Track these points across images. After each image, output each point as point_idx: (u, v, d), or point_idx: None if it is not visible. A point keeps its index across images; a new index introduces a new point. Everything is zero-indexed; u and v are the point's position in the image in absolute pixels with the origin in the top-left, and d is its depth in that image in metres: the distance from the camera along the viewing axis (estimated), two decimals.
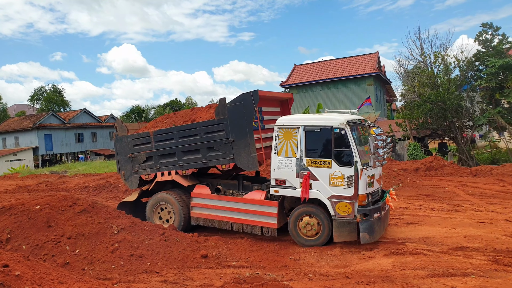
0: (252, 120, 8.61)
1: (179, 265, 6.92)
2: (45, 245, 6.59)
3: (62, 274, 4.79)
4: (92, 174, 22.94)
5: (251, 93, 8.57)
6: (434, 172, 17.37)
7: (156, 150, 9.60)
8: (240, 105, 8.62)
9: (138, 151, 9.83)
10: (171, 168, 9.48)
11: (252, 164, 8.60)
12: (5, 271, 3.99)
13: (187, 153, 9.32)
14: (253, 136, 8.58)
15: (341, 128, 7.88)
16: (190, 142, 9.24)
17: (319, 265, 7.18)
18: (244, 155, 8.64)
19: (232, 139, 8.74)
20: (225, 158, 8.87)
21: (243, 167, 8.73)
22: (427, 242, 8.08)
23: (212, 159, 9.05)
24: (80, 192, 15.95)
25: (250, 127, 8.60)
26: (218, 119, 8.89)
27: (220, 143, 8.90)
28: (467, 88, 22.33)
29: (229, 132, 8.77)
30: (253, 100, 8.51)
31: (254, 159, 8.54)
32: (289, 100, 10.58)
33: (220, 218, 9.08)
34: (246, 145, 8.62)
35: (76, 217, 7.36)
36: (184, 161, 9.33)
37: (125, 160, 9.97)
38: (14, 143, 47.63)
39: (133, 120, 51.22)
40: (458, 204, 11.63)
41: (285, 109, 10.62)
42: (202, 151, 9.13)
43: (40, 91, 67.00)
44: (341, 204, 7.82)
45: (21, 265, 4.46)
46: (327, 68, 34.06)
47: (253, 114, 8.58)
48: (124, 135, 10.06)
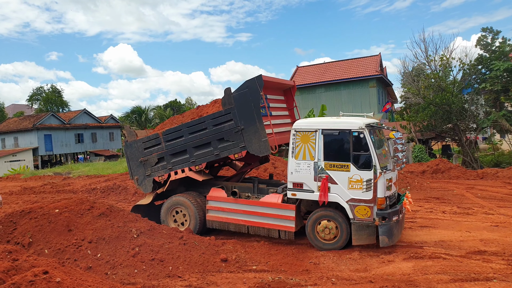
0: (259, 106, 8.61)
1: (200, 269, 6.89)
2: (66, 249, 6.56)
3: (96, 280, 4.76)
4: (97, 176, 22.86)
5: (255, 79, 8.58)
6: (441, 175, 17.42)
7: (167, 150, 9.57)
8: (245, 92, 8.63)
9: (149, 153, 9.79)
10: (184, 165, 9.44)
11: (264, 149, 8.58)
12: (47, 278, 3.97)
13: (198, 148, 9.30)
14: (262, 121, 8.58)
15: (359, 132, 7.88)
16: (200, 137, 9.21)
17: (340, 269, 7.17)
18: (255, 141, 8.64)
19: (241, 127, 8.72)
20: (237, 146, 8.85)
21: (256, 153, 8.69)
22: (444, 246, 8.09)
23: (224, 150, 9.02)
24: (88, 194, 15.87)
25: (258, 113, 8.59)
26: (226, 109, 8.89)
27: (230, 132, 8.88)
28: (471, 91, 22.43)
29: (237, 121, 8.76)
30: (258, 85, 8.53)
31: (266, 143, 8.53)
32: (291, 88, 10.55)
33: (237, 221, 9.05)
34: (256, 131, 8.62)
35: (95, 221, 7.33)
36: (196, 156, 9.30)
37: (137, 165, 9.94)
38: (13, 143, 47.43)
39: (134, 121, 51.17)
40: (468, 207, 11.66)
41: (289, 98, 10.61)
42: (213, 144, 9.11)
43: (39, 91, 66.73)
44: (360, 208, 7.82)
45: (58, 271, 4.43)
46: (329, 70, 34.11)
47: (259, 99, 8.59)
48: (133, 140, 10.03)
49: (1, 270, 4.18)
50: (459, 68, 22.21)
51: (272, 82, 9.36)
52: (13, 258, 4.84)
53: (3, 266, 4.27)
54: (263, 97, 8.71)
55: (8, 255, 4.89)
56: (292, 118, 10.59)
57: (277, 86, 10.06)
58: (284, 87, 10.46)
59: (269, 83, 9.15)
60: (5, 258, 4.80)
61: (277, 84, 9.83)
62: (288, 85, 10.41)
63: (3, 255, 4.87)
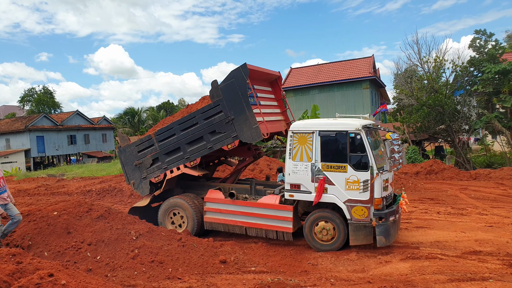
0: (247, 94, 8.71)
1: (199, 271, 6.92)
2: (66, 251, 6.55)
3: (99, 283, 4.77)
4: (91, 178, 22.75)
5: (240, 68, 8.71)
6: (434, 176, 17.59)
7: (161, 150, 9.62)
8: (232, 82, 8.75)
9: (143, 156, 9.83)
10: (179, 163, 9.48)
11: (256, 135, 8.67)
12: (52, 281, 3.98)
13: (191, 143, 9.37)
14: (251, 108, 8.68)
15: (356, 133, 7.97)
16: (192, 132, 9.28)
17: (338, 270, 7.23)
18: (247, 129, 8.73)
19: (231, 117, 8.82)
20: (229, 137, 8.93)
21: (248, 140, 8.77)
22: (440, 246, 8.19)
23: (217, 142, 9.09)
24: (83, 196, 15.81)
25: (246, 101, 8.69)
26: (214, 102, 8.99)
27: (221, 124, 8.96)
28: (463, 93, 22.68)
29: (227, 111, 8.87)
30: (244, 74, 8.65)
31: (257, 129, 8.63)
32: (277, 79, 10.65)
33: (234, 222, 9.09)
34: (246, 119, 8.72)
35: (94, 223, 7.33)
36: (190, 152, 9.36)
37: (132, 169, 9.96)
38: (5, 145, 46.99)
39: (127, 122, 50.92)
40: (462, 208, 11.80)
41: (276, 89, 10.72)
42: (206, 137, 9.18)
43: (30, 92, 66.21)
44: (357, 208, 7.90)
45: (63, 273, 4.44)
46: (323, 71, 34.23)
47: (246, 87, 8.69)
48: (127, 144, 10.07)
49: (6, 273, 4.19)
50: (451, 70, 22.45)
51: (258, 71, 9.44)
52: (17, 261, 4.84)
53: (8, 269, 4.27)
54: (250, 85, 8.79)
55: (12, 258, 4.89)
56: (282, 108, 10.74)
57: (263, 77, 10.15)
58: (270, 78, 10.54)
59: (255, 73, 9.26)
60: (9, 261, 4.80)
61: (262, 74, 9.91)
62: (274, 75, 10.50)
63: (7, 258, 4.87)
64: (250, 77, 8.81)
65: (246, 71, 8.64)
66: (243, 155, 10.51)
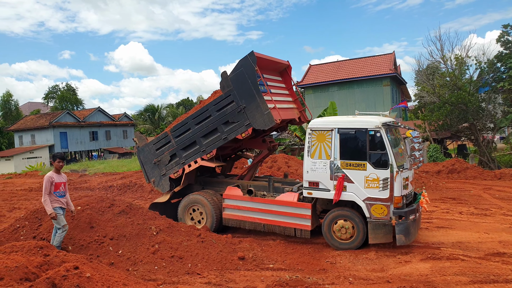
0: (256, 81, 8.79)
1: (218, 267, 7.00)
2: (89, 245, 6.73)
3: (121, 276, 4.90)
4: (112, 173, 23.16)
5: (247, 56, 8.82)
6: (457, 175, 17.26)
7: (178, 145, 9.81)
8: (241, 71, 8.88)
9: (161, 153, 10.04)
10: (196, 156, 9.63)
11: (268, 121, 8.73)
12: (78, 273, 4.12)
13: (206, 136, 9.52)
14: (262, 95, 8.76)
15: (376, 131, 7.90)
16: (206, 125, 9.44)
17: (356, 269, 7.21)
18: (259, 115, 8.81)
19: (243, 105, 8.92)
20: (242, 125, 9.03)
21: (261, 127, 8.84)
22: (462, 247, 8.06)
23: (231, 132, 9.19)
24: (105, 192, 16.13)
25: (256, 88, 8.78)
26: (225, 93, 9.13)
27: (233, 114, 9.08)
28: (488, 90, 22.14)
29: (238, 101, 8.98)
30: (251, 62, 8.75)
31: (269, 115, 8.69)
32: (287, 68, 10.68)
33: (253, 219, 9.14)
34: (257, 106, 8.80)
35: (116, 218, 7.49)
36: (205, 145, 9.50)
37: (151, 167, 10.18)
38: (30, 141, 48.27)
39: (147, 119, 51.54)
40: (486, 208, 11.57)
41: (287, 78, 10.74)
42: (220, 129, 9.31)
43: (54, 89, 67.77)
44: (376, 206, 7.84)
45: (87, 266, 4.58)
46: (342, 68, 33.96)
47: (255, 75, 8.76)
48: (144, 144, 10.33)
49: (34, 265, 4.36)
50: (475, 67, 21.93)
51: (266, 60, 9.51)
52: (44, 253, 5.01)
53: (36, 261, 4.44)
54: (258, 73, 8.86)
55: (40, 251, 5.06)
56: (293, 97, 10.77)
57: (272, 66, 10.20)
58: (280, 67, 10.58)
59: (263, 61, 9.35)
60: (37, 253, 4.98)
61: (271, 63, 9.96)
62: (283, 64, 10.54)
63: (35, 251, 5.05)
64: (259, 66, 8.92)
65: (254, 59, 8.74)
66: (258, 147, 10.61)
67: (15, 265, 4.36)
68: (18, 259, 4.59)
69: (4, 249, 5.38)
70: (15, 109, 59.38)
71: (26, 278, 4.29)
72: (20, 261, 4.51)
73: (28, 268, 4.38)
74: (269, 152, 10.46)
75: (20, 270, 4.29)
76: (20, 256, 4.80)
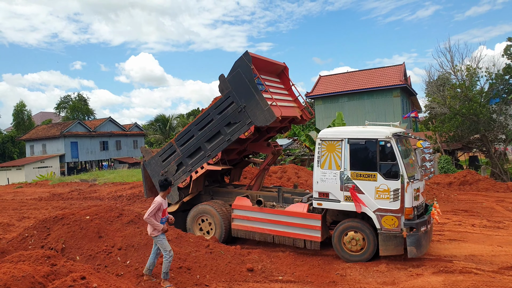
0: (254, 80, 8.91)
1: (227, 278, 6.92)
2: (97, 255, 6.70)
3: (129, 287, 4.85)
4: (122, 183, 23.25)
5: (242, 56, 9.03)
6: (468, 187, 17.00)
7: (183, 154, 9.87)
8: (238, 72, 9.05)
9: (167, 164, 10.09)
10: (202, 162, 9.67)
11: (269, 116, 8.78)
12: (84, 283, 4.09)
13: (210, 140, 9.59)
14: (260, 92, 8.88)
15: (386, 141, 7.82)
16: (209, 129, 9.53)
17: (367, 282, 7.07)
18: (259, 112, 8.87)
19: (243, 105, 9.03)
20: (244, 125, 9.10)
21: (262, 123, 8.89)
22: (475, 261, 7.88)
23: (234, 133, 9.26)
24: (114, 202, 16.16)
25: (254, 86, 8.90)
26: (225, 95, 9.27)
27: (235, 114, 9.18)
28: (499, 101, 21.90)
29: (238, 101, 9.09)
30: (247, 61, 8.94)
31: (269, 111, 8.75)
32: (284, 70, 10.81)
33: (262, 230, 9.06)
34: (257, 103, 8.88)
35: (124, 228, 7.47)
36: (210, 149, 9.56)
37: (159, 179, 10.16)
38: (41, 150, 48.72)
39: (158, 129, 51.79)
40: (499, 220, 11.34)
41: (285, 80, 10.87)
42: (223, 131, 9.39)
43: (66, 99, 68.58)
44: (387, 218, 7.72)
45: (94, 277, 4.55)
46: (352, 79, 33.88)
47: (252, 74, 8.90)
48: (151, 157, 10.39)
49: (41, 274, 4.33)
50: (486, 78, 21.73)
51: (262, 60, 9.66)
52: (51, 263, 5.00)
53: (43, 270, 4.42)
54: (255, 71, 8.99)
55: (47, 260, 5.05)
56: (293, 96, 10.84)
57: (269, 67, 10.33)
58: (277, 69, 10.71)
59: (260, 62, 9.51)
60: (44, 263, 4.96)
61: (268, 64, 10.10)
62: (280, 66, 10.68)
63: (42, 260, 5.03)
64: (256, 67, 9.09)
65: (249, 58, 8.91)
66: (263, 150, 10.65)
67: (22, 274, 4.35)
68: (25, 268, 4.58)
69: (11, 258, 5.39)
70: (28, 119, 60.12)
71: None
72: (27, 270, 4.49)
73: (35, 277, 4.35)
74: (273, 156, 10.47)
75: (27, 280, 4.27)
76: (27, 266, 4.79)
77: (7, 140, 54.27)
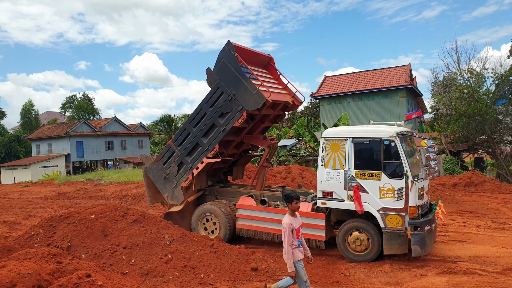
0: (239, 67, 9.12)
1: (231, 278, 6.93)
2: (102, 254, 6.74)
3: (134, 286, 4.89)
4: (127, 182, 23.35)
5: (225, 47, 9.34)
6: (474, 188, 16.93)
7: (182, 153, 10.01)
8: (223, 62, 9.29)
9: (168, 166, 10.22)
10: (201, 157, 9.77)
11: (259, 98, 8.91)
12: (90, 281, 4.13)
13: (206, 134, 9.74)
14: (247, 77, 9.07)
15: (390, 140, 7.83)
16: (203, 124, 9.71)
17: (371, 282, 7.07)
18: (249, 97, 9.02)
19: (232, 92, 9.19)
20: (236, 112, 9.24)
21: (253, 107, 9.01)
22: (479, 262, 7.86)
23: (228, 122, 9.40)
24: (119, 201, 16.24)
25: (240, 73, 9.10)
26: (214, 87, 9.50)
27: (226, 104, 9.36)
28: (505, 102, 21.78)
29: (227, 90, 9.29)
30: (230, 50, 9.24)
31: (258, 93, 8.89)
32: (270, 61, 11.05)
33: (266, 229, 9.08)
34: (245, 89, 9.04)
35: (129, 227, 7.51)
36: (207, 143, 9.68)
37: (162, 183, 10.33)
38: (47, 149, 49.00)
39: (163, 129, 51.91)
40: (504, 222, 11.29)
41: (272, 71, 11.07)
42: (217, 122, 9.54)
43: (71, 99, 68.91)
44: (391, 217, 7.72)
45: (99, 275, 4.59)
46: (358, 80, 33.80)
47: (236, 61, 9.11)
48: (151, 162, 10.54)
49: (47, 272, 4.38)
50: (492, 79, 21.62)
51: (246, 50, 9.90)
52: (57, 261, 5.04)
53: (49, 268, 4.46)
54: (239, 58, 9.18)
55: (53, 258, 5.10)
56: (282, 85, 10.98)
57: (255, 58, 10.50)
58: (262, 59, 10.93)
59: (244, 52, 9.74)
60: (50, 260, 5.01)
61: (252, 54, 10.30)
62: (265, 57, 10.93)
63: (48, 258, 5.08)
64: (242, 58, 9.28)
65: (232, 47, 9.17)
66: (259, 143, 10.77)
67: (28, 272, 4.39)
68: (31, 266, 4.63)
69: (18, 256, 5.44)
70: (35, 119, 60.48)
71: (38, 285, 4.31)
72: (33, 268, 4.54)
73: (41, 275, 4.40)
74: (270, 150, 10.53)
75: (33, 277, 4.32)
76: (34, 263, 4.84)
77: (13, 139, 54.62)
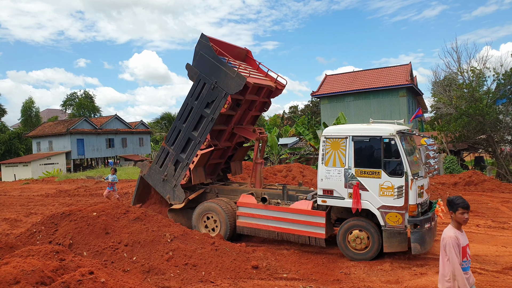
0: (216, 55, 9.38)
1: (232, 275, 6.97)
2: (104, 251, 6.78)
3: (135, 282, 4.93)
4: (128, 180, 23.40)
5: (200, 39, 9.70)
6: (474, 187, 16.95)
7: (176, 151, 10.17)
8: (200, 54, 9.57)
9: (165, 167, 10.34)
10: (195, 151, 9.90)
11: (240, 80, 9.11)
12: (93, 278, 4.17)
13: (196, 127, 9.93)
14: (225, 63, 9.29)
15: (390, 138, 7.86)
16: (192, 118, 9.93)
17: (371, 280, 7.11)
18: (230, 81, 9.22)
19: (214, 80, 9.42)
20: (221, 98, 9.44)
21: (235, 90, 9.19)
22: (479, 261, 7.89)
23: (215, 110, 9.58)
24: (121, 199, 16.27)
25: (218, 60, 9.43)
26: (196, 80, 9.78)
27: (210, 93, 9.58)
28: (506, 102, 21.79)
29: (208, 79, 9.54)
30: (205, 41, 9.60)
31: (239, 76, 9.11)
32: (247, 53, 11.39)
33: (267, 227, 9.12)
34: (225, 74, 9.27)
35: (131, 225, 7.55)
36: (199, 135, 9.86)
37: (162, 185, 10.42)
38: (48, 147, 49.02)
39: (164, 127, 51.93)
40: (504, 221, 11.31)
41: (251, 63, 11.41)
42: (204, 113, 9.74)
43: (72, 96, 68.89)
44: (391, 215, 7.76)
45: (102, 272, 4.63)
46: (358, 78, 33.80)
47: (212, 50, 9.41)
48: (149, 167, 10.67)
49: (50, 269, 4.42)
50: (493, 79, 21.62)
51: (222, 43, 10.22)
52: (60, 258, 5.08)
53: (52, 265, 4.50)
54: (214, 47, 9.47)
55: (56, 255, 5.14)
56: (263, 73, 11.20)
57: (232, 51, 10.70)
58: (240, 52, 11.25)
59: (220, 44, 10.05)
60: (53, 258, 5.05)
61: (229, 47, 10.57)
62: (242, 50, 11.29)
63: (51, 255, 5.12)
64: (219, 52, 9.56)
65: (206, 38, 9.48)
66: (249, 135, 10.86)
67: (31, 268, 4.43)
68: (34, 263, 4.66)
69: (21, 253, 5.47)
70: (35, 116, 60.44)
71: (42, 282, 4.34)
72: (36, 265, 4.57)
73: (44, 272, 4.44)
74: (259, 143, 10.66)
75: (36, 274, 4.36)
76: (36, 260, 4.87)
77: (14, 136, 54.62)
